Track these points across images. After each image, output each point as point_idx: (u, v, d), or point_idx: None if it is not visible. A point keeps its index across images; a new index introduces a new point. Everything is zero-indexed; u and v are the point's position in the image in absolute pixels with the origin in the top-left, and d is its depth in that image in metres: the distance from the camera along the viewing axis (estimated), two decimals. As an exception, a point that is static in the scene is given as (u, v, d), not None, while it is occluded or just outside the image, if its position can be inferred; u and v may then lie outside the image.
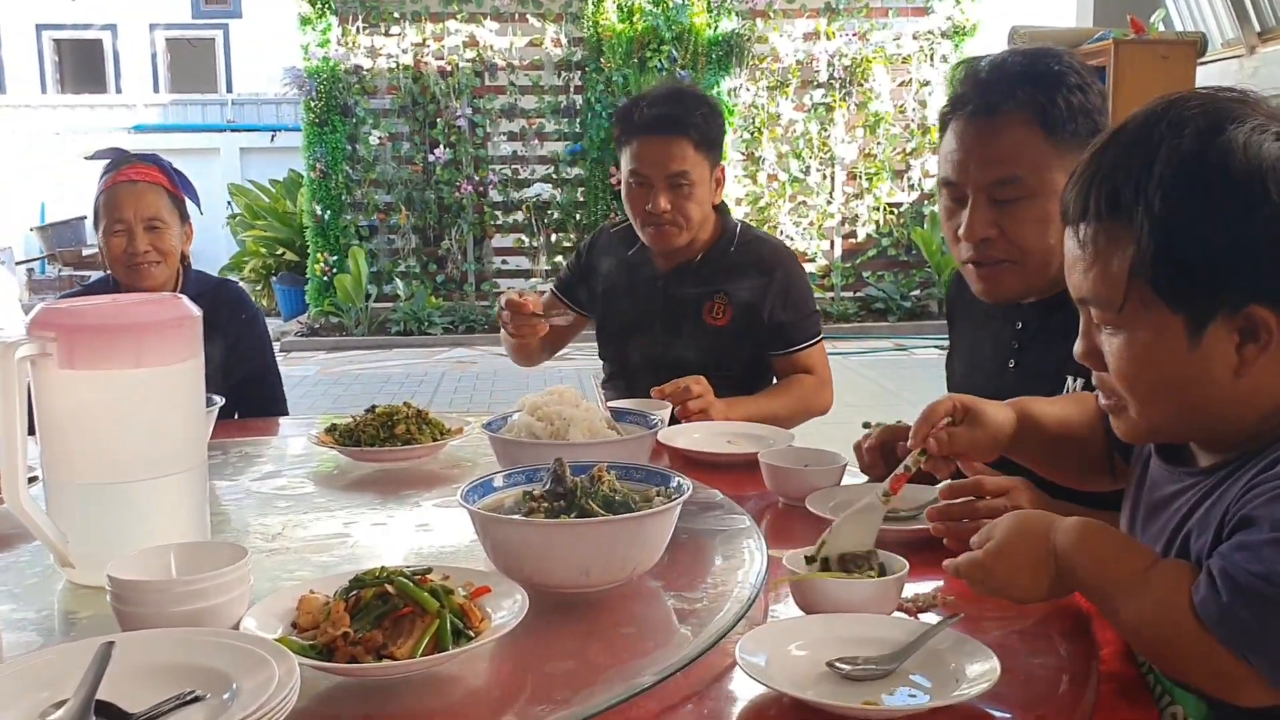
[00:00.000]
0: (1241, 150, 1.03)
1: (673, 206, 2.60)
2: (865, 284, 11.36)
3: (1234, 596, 0.99)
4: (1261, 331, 1.05)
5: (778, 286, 2.69)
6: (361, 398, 8.05)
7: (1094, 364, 1.18)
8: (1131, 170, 1.08)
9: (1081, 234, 1.13)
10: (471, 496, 1.47)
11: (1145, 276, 1.07)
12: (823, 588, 1.33)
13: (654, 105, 2.59)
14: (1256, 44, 8.01)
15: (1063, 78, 1.71)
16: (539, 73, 11.00)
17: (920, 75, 11.19)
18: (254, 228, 12.59)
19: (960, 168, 1.75)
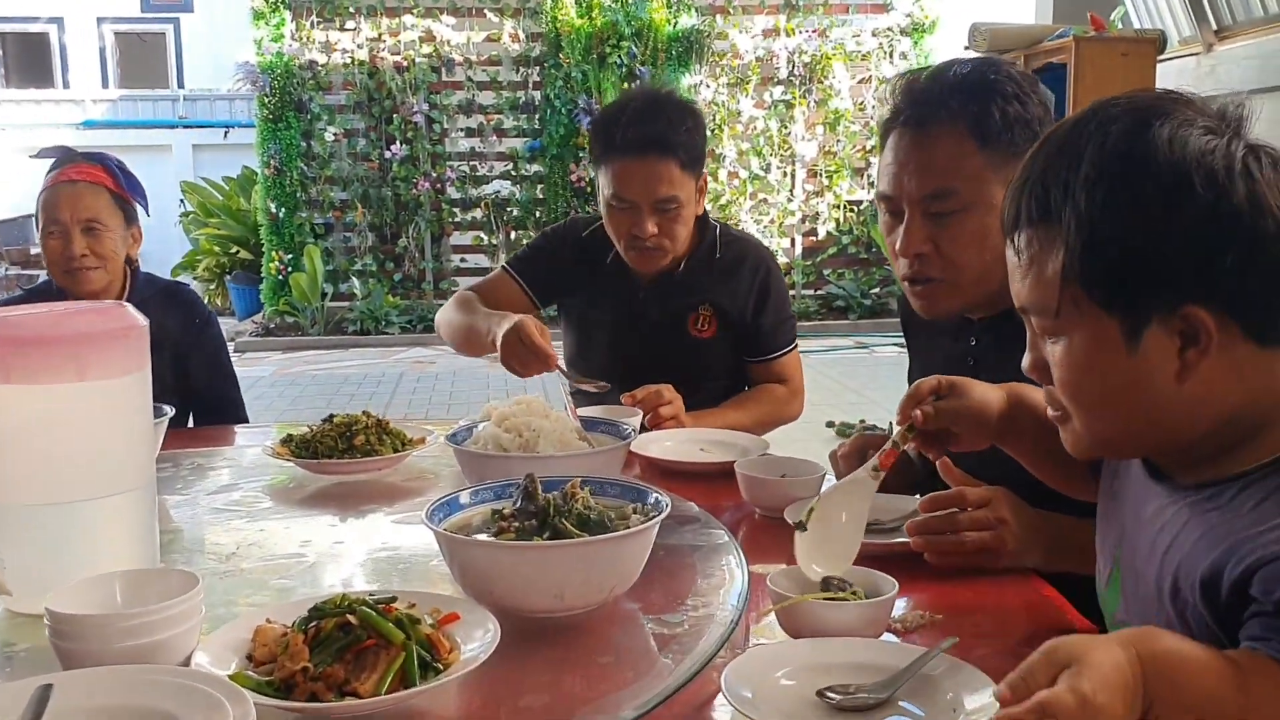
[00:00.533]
0: (1166, 145, 1.00)
1: (660, 231, 2.42)
2: (826, 282, 11.35)
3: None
4: (1201, 334, 1.01)
5: (761, 291, 2.58)
6: (318, 399, 7.93)
7: (1040, 377, 1.14)
8: (1059, 172, 1.05)
9: (1017, 241, 1.10)
10: (437, 516, 1.39)
11: (1076, 279, 1.03)
12: (811, 611, 1.27)
13: (635, 123, 2.37)
14: (1214, 42, 8.06)
15: (998, 87, 1.66)
16: (497, 68, 10.89)
17: (880, 72, 11.18)
18: (207, 226, 12.40)
19: (895, 181, 1.71)
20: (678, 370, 2.46)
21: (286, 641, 1.17)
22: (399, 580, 1.54)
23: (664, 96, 2.49)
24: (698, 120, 2.47)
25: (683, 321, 2.57)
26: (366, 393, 8.18)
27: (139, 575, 1.28)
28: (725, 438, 2.23)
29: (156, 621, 1.16)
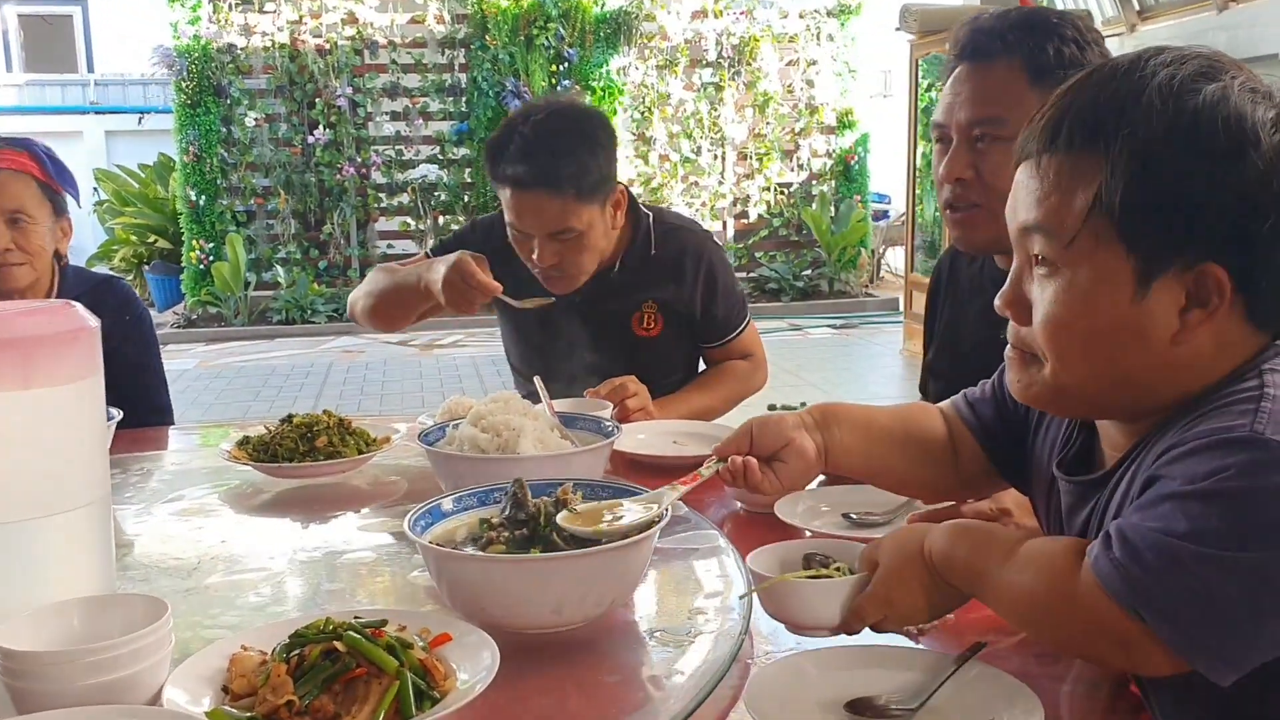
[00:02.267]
0: (1236, 99, 0.97)
1: (560, 259, 2.27)
2: (758, 264, 11.35)
3: (1126, 550, 0.91)
4: (1213, 294, 0.97)
5: (707, 281, 2.46)
6: (245, 392, 7.73)
7: (1017, 315, 1.09)
8: (1118, 96, 0.99)
9: (1044, 163, 1.04)
10: (419, 526, 1.30)
11: (1109, 210, 0.98)
12: (795, 590, 1.17)
13: (520, 159, 2.19)
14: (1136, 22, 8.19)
15: (1058, 29, 1.69)
16: (422, 51, 10.69)
17: (807, 54, 11.19)
18: (123, 215, 12.04)
19: (947, 110, 1.76)
20: (626, 370, 2.36)
21: (267, 671, 1.07)
22: (378, 595, 1.44)
23: (556, 120, 2.25)
24: (596, 143, 2.25)
25: (626, 321, 2.46)
26: (295, 384, 7.99)
27: (99, 602, 1.17)
28: (700, 429, 2.17)
29: (122, 656, 1.06)
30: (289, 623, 1.15)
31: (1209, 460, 0.90)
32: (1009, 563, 1.03)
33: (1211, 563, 0.87)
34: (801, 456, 1.33)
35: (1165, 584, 0.89)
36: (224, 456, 1.91)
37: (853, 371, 8.18)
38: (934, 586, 1.10)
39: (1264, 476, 0.88)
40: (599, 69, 10.55)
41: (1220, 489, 0.88)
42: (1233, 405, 0.94)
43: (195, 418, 6.81)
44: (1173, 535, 0.89)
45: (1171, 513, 0.90)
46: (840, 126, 11.39)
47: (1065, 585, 0.97)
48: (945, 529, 1.10)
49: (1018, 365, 1.11)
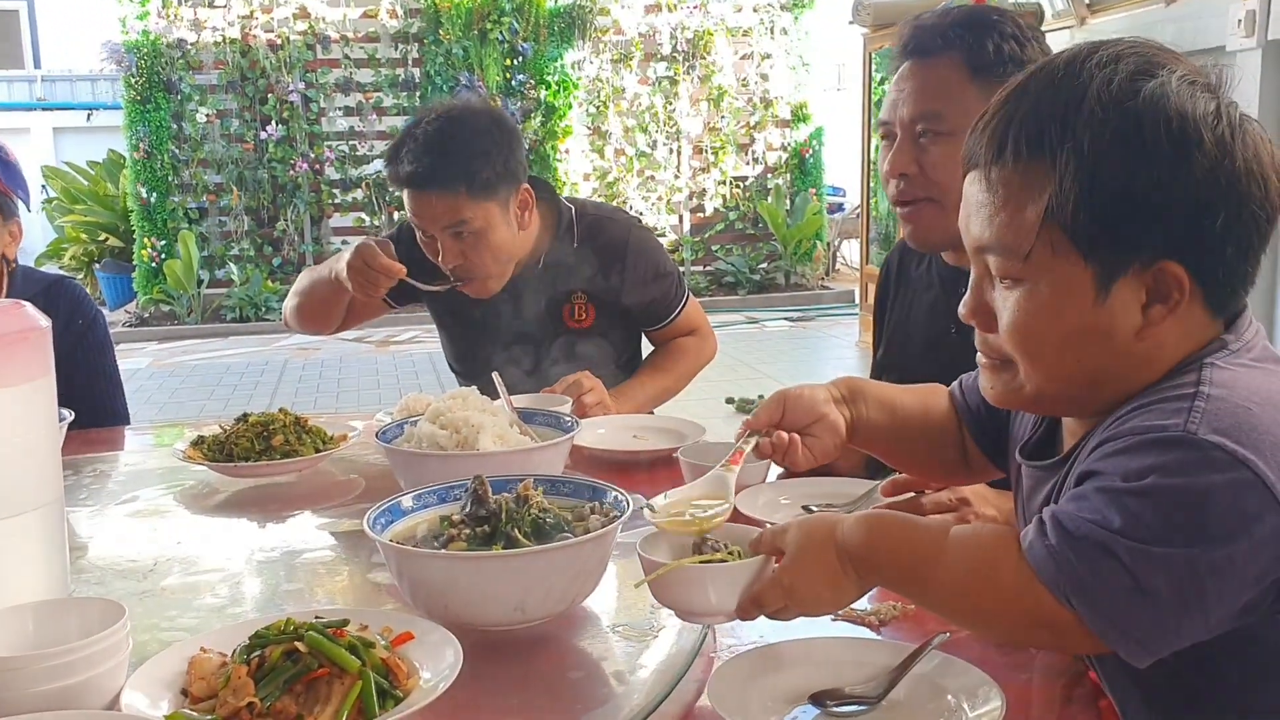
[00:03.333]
0: (1176, 94, 0.97)
1: (463, 259, 2.27)
2: (715, 258, 11.37)
3: (1062, 539, 0.94)
4: (1173, 290, 0.99)
5: (633, 266, 2.45)
6: (199, 391, 7.64)
7: (981, 323, 1.10)
8: (1058, 105, 0.99)
9: (993, 176, 1.03)
10: (379, 524, 1.29)
11: (1062, 221, 0.98)
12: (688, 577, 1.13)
13: (411, 158, 2.21)
14: (1086, 15, 8.24)
15: (998, 26, 1.73)
16: (375, 45, 10.60)
17: (761, 48, 11.21)
18: (72, 212, 11.85)
19: (891, 106, 1.80)
20: (565, 362, 2.38)
21: (228, 674, 1.06)
22: (338, 594, 1.43)
23: (448, 121, 2.26)
24: (489, 140, 2.25)
25: (557, 314, 2.46)
26: (250, 382, 7.91)
27: (54, 606, 1.16)
28: (657, 423, 2.17)
29: (79, 660, 1.04)
30: (249, 624, 1.14)
31: (1144, 457, 0.92)
32: (936, 553, 1.03)
33: (1142, 557, 0.90)
34: (833, 431, 1.34)
35: (1097, 574, 0.92)
36: (179, 457, 1.89)
37: (810, 364, 8.21)
38: (841, 577, 1.08)
39: (1195, 475, 0.90)
40: (553, 63, 10.51)
41: (1154, 486, 0.91)
42: (1168, 402, 0.96)
43: (149, 417, 6.72)
44: (1108, 528, 0.91)
45: (1107, 506, 0.92)
46: (795, 120, 11.43)
47: (996, 572, 0.98)
48: (859, 520, 1.09)
49: (989, 371, 1.12)
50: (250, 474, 1.86)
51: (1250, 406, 0.93)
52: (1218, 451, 0.89)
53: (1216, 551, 0.89)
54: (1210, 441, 0.90)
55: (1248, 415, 0.92)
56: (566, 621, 1.27)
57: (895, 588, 1.10)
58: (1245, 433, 0.91)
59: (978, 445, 1.35)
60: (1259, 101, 5.99)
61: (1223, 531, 0.89)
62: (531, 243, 2.42)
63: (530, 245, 2.41)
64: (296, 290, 2.56)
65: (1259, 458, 0.89)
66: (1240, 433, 0.91)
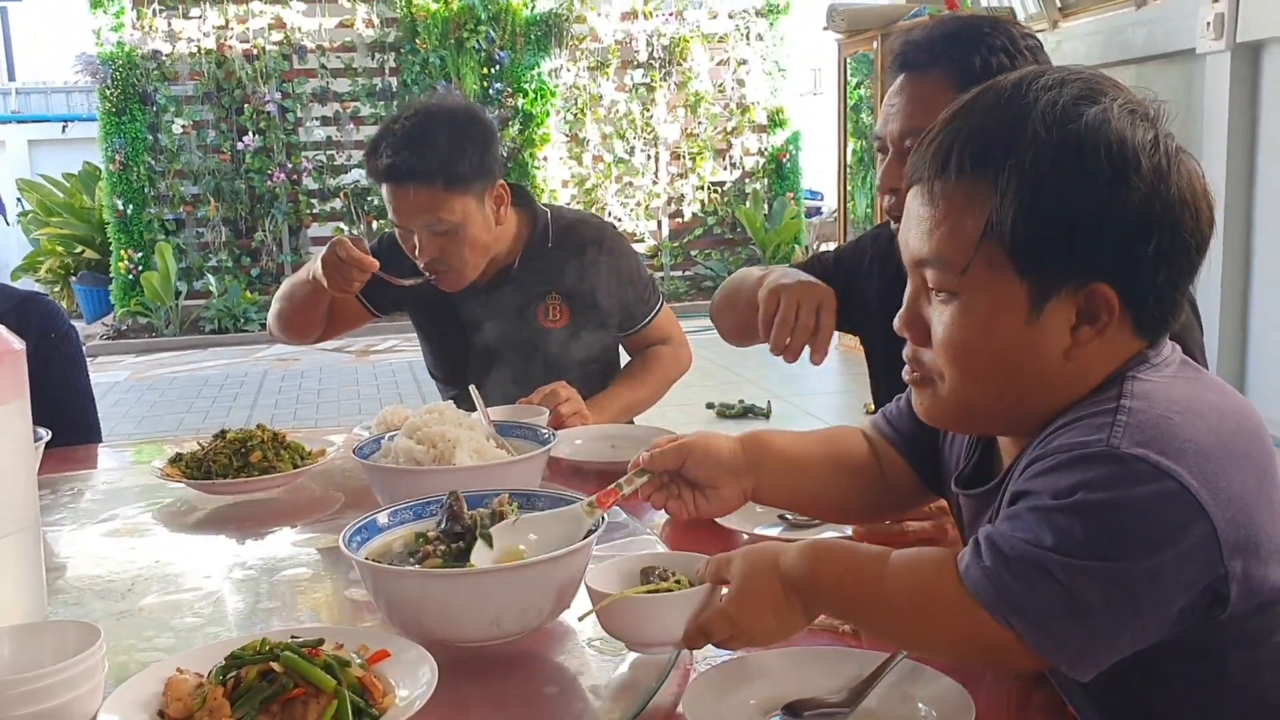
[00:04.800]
0: (1117, 121, 0.99)
1: (440, 253, 2.32)
2: (694, 262, 11.40)
3: (997, 561, 0.96)
4: (1102, 312, 1.01)
5: (608, 268, 2.49)
6: (179, 404, 7.61)
7: (915, 336, 1.11)
8: (1003, 124, 1.01)
9: (935, 190, 1.05)
10: (355, 542, 1.30)
11: (1000, 238, 1.00)
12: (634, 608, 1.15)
13: (391, 152, 2.26)
14: (1058, 19, 8.29)
15: (988, 39, 1.71)
16: (351, 55, 10.59)
17: (737, 54, 11.25)
18: (48, 225, 11.77)
19: (884, 121, 1.80)
20: (540, 364, 2.42)
21: (204, 695, 1.07)
22: (316, 612, 1.44)
23: (426, 117, 2.32)
24: (465, 136, 2.30)
25: (532, 314, 2.48)
26: (230, 394, 7.88)
27: (29, 630, 1.16)
28: (635, 432, 2.18)
29: (55, 684, 1.05)
30: (225, 644, 1.14)
31: (1071, 474, 0.94)
32: (877, 580, 1.05)
33: (1077, 572, 0.92)
34: (724, 501, 1.34)
35: (1034, 592, 0.94)
36: (157, 474, 1.89)
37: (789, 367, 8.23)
38: (786, 606, 1.09)
39: (1121, 489, 0.92)
40: (530, 71, 10.52)
41: (1083, 502, 0.93)
42: (1092, 418, 0.98)
43: (128, 431, 6.70)
44: (1041, 546, 0.93)
45: (1038, 524, 0.94)
46: (771, 125, 11.47)
47: (935, 596, 1.00)
48: (802, 549, 1.10)
49: (917, 388, 1.13)
50: (228, 491, 1.86)
51: (1171, 416, 0.96)
52: (1141, 464, 0.92)
53: (1146, 562, 0.91)
54: (1133, 455, 0.92)
55: (1169, 425, 0.95)
56: (542, 636, 1.28)
57: (840, 615, 1.13)
58: (1167, 443, 0.93)
59: (917, 473, 1.35)
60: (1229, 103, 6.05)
61: (1151, 542, 0.91)
62: (509, 243, 2.46)
63: (507, 246, 2.46)
64: (278, 297, 2.60)
65: (1182, 467, 0.92)
66: (1162, 443, 0.93)
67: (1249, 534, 0.94)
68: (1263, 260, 5.99)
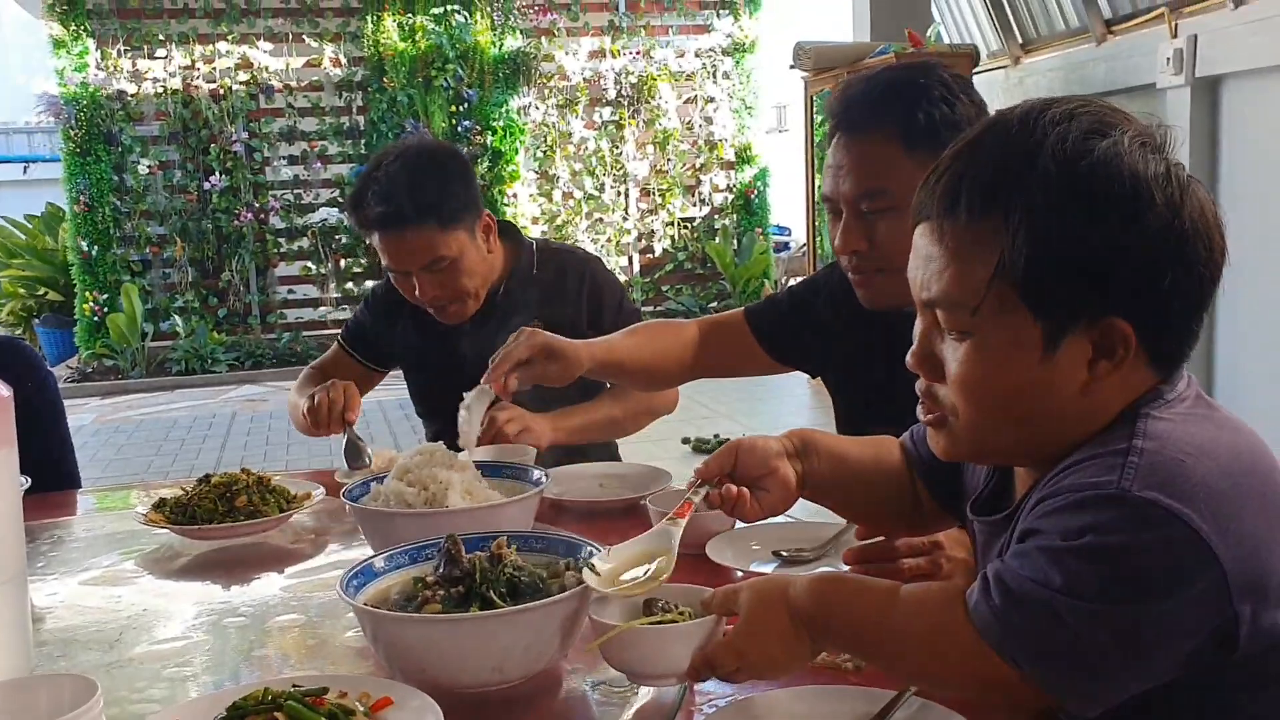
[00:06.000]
0: (1128, 155, 0.99)
1: (442, 290, 2.34)
2: (665, 298, 11.43)
3: (1006, 601, 0.96)
4: (1119, 346, 1.00)
5: (591, 296, 2.50)
6: (146, 447, 7.52)
7: (928, 373, 1.11)
8: (1012, 163, 1.01)
9: (944, 230, 1.05)
10: (352, 587, 1.28)
11: (1013, 279, 1.00)
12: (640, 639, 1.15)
13: (381, 200, 2.27)
14: (1020, 55, 8.43)
15: (926, 91, 1.70)
16: (319, 94, 10.57)
17: (705, 92, 11.33)
18: (10, 267, 11.64)
19: (833, 183, 1.78)
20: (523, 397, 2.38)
21: (206, 747, 1.05)
22: (311, 660, 1.41)
23: (407, 159, 2.34)
24: (448, 172, 2.34)
25: None
26: (198, 436, 7.80)
27: (23, 685, 1.13)
28: (621, 470, 2.18)
29: (53, 740, 1.02)
30: (225, 694, 1.13)
31: (1081, 516, 0.94)
32: (886, 615, 1.05)
33: (1085, 615, 0.92)
34: (784, 485, 1.34)
35: (1042, 634, 0.94)
36: (140, 520, 1.86)
37: (764, 401, 8.24)
38: (793, 639, 1.09)
39: (1131, 533, 0.92)
40: (499, 109, 10.54)
41: (1092, 545, 0.92)
42: (1104, 458, 0.97)
43: (95, 475, 6.60)
44: (1049, 588, 0.93)
45: (1048, 565, 0.94)
46: (740, 161, 11.55)
47: (944, 634, 1.00)
48: (810, 581, 1.10)
49: (933, 427, 1.13)
50: (214, 536, 1.84)
51: (1183, 459, 0.95)
52: (1152, 508, 0.91)
53: (1155, 607, 0.91)
54: (1144, 498, 0.92)
55: (1180, 468, 0.94)
56: (545, 681, 1.27)
57: (848, 649, 1.12)
58: (1179, 486, 0.93)
59: (932, 496, 1.36)
60: (1189, 137, 6.15)
61: (1160, 587, 0.91)
62: (497, 273, 2.47)
63: (496, 275, 2.47)
64: (290, 401, 2.60)
65: (1193, 510, 0.91)
66: (1174, 487, 0.92)
67: (1259, 576, 0.94)
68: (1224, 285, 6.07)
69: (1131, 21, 6.92)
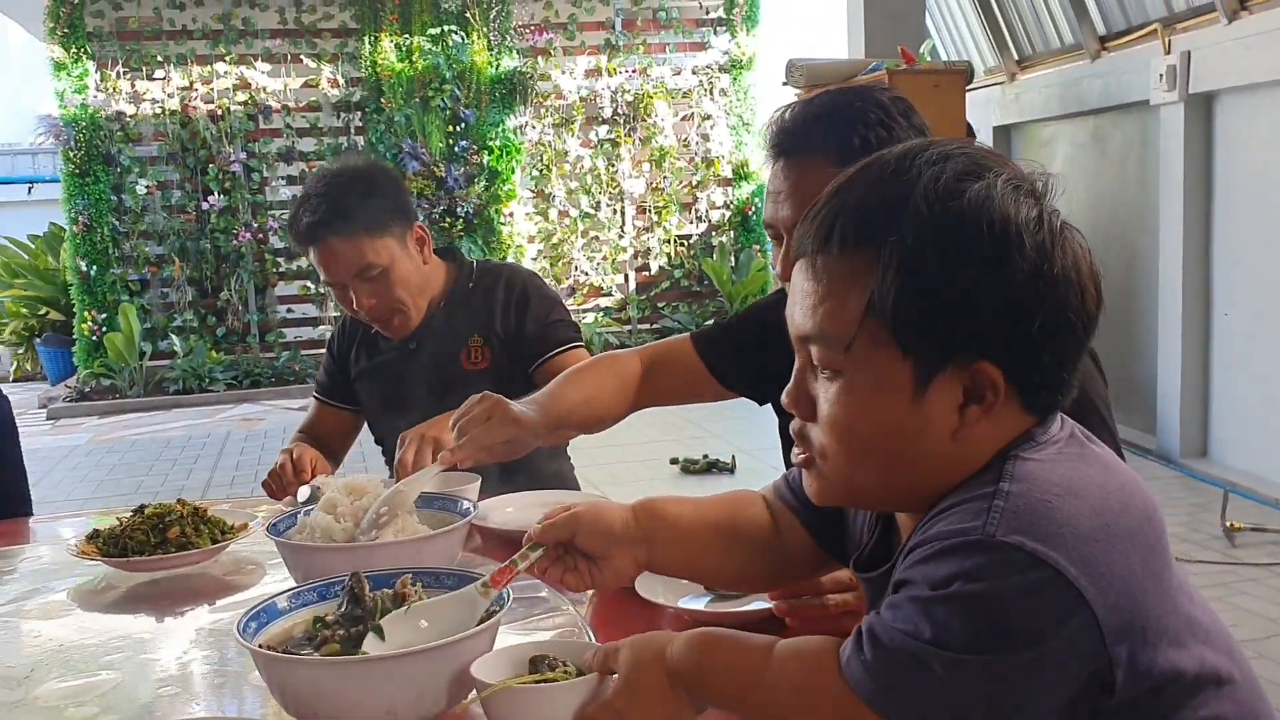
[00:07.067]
0: (1000, 199, 0.97)
1: (378, 299, 2.44)
2: (661, 315, 11.41)
3: (877, 653, 0.94)
4: (988, 391, 0.99)
5: (519, 303, 2.56)
6: (139, 466, 7.52)
7: (803, 411, 1.09)
8: (885, 200, 1.00)
9: (818, 265, 1.04)
10: (251, 627, 1.26)
11: (882, 315, 0.99)
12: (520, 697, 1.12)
13: (308, 213, 2.40)
14: (1016, 71, 8.42)
15: (862, 114, 1.68)
16: (317, 114, 10.61)
17: (701, 109, 11.33)
18: (13, 287, 11.70)
19: (772, 209, 1.76)
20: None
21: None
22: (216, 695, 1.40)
23: (334, 176, 2.46)
24: (373, 184, 2.45)
25: (456, 359, 2.54)
26: (191, 456, 7.79)
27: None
28: (569, 498, 2.15)
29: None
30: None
31: (948, 564, 0.92)
32: (762, 672, 1.03)
33: (956, 666, 0.90)
34: (618, 572, 1.32)
35: (913, 687, 0.92)
36: (71, 552, 1.85)
37: (756, 422, 8.21)
38: (672, 699, 1.08)
39: (997, 579, 0.89)
40: (496, 128, 10.56)
41: (960, 593, 0.90)
42: (971, 503, 0.95)
43: (84, 496, 6.60)
44: (919, 639, 0.91)
45: (918, 616, 0.92)
46: (737, 178, 11.54)
47: (817, 689, 0.99)
48: (688, 640, 1.09)
49: (806, 468, 1.11)
50: (145, 568, 1.82)
51: (1049, 500, 0.93)
52: (1017, 553, 0.89)
53: (1026, 654, 0.89)
54: (1009, 543, 0.90)
55: (1046, 509, 0.92)
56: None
57: (726, 708, 1.09)
58: (1044, 529, 0.90)
59: (819, 542, 1.33)
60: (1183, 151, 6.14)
61: (1030, 633, 0.89)
62: (438, 289, 2.56)
63: (438, 292, 2.56)
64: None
65: (1059, 553, 0.89)
66: (1039, 530, 0.90)
67: (1133, 617, 0.92)
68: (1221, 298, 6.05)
69: (1125, 38, 6.91)
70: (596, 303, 11.24)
